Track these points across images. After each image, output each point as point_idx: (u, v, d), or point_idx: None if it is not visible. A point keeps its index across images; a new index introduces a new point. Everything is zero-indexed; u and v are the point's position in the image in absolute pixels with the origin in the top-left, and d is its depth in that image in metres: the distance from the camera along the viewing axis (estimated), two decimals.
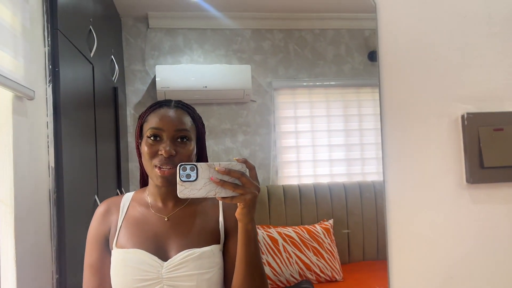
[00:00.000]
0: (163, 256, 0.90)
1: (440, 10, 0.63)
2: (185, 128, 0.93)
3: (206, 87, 2.79)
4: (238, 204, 0.80)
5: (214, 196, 0.79)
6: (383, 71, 0.57)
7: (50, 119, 1.28)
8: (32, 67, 1.18)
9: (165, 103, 0.97)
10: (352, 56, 3.38)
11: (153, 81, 2.97)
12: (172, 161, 0.90)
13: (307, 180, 3.12)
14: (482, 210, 0.57)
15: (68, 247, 1.34)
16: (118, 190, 2.27)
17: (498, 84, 0.62)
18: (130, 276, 0.86)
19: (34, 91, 1.12)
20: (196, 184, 0.79)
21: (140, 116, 0.98)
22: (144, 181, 1.05)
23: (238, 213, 0.80)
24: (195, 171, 0.79)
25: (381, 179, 3.27)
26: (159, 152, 0.90)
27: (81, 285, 1.40)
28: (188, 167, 0.80)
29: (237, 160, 0.81)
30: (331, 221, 2.72)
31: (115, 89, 2.30)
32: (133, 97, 2.91)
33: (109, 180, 2.08)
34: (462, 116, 0.64)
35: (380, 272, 2.56)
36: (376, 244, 2.94)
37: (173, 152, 0.90)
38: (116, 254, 0.91)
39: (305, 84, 3.23)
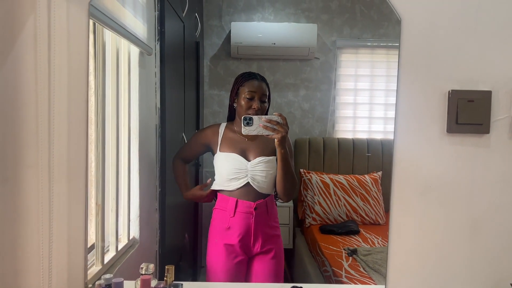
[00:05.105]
0: (247, 159, 1.57)
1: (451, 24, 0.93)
2: (266, 94, 1.59)
3: (274, 43, 3.03)
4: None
5: (262, 134, 1.43)
6: (403, 54, 0.91)
7: (157, 69, 1.63)
8: (149, 29, 1.52)
9: (254, 75, 1.61)
10: None
11: (228, 36, 3.25)
12: (257, 113, 1.53)
13: (362, 135, 3.34)
14: (456, 150, 0.93)
15: (167, 170, 1.73)
16: (196, 131, 2.66)
17: (474, 72, 1.02)
18: (231, 166, 1.55)
19: (152, 48, 1.47)
20: (252, 127, 1.42)
21: (236, 82, 1.61)
22: (230, 117, 1.66)
23: (275, 144, 1.45)
24: (251, 121, 1.42)
25: None
26: (252, 107, 1.55)
27: (175, 199, 1.82)
28: (247, 118, 1.42)
29: (275, 113, 1.42)
30: (379, 173, 2.96)
31: (197, 44, 2.62)
32: (210, 50, 3.24)
33: (191, 122, 2.46)
34: (449, 92, 1.02)
35: None
36: None
37: (259, 107, 1.55)
38: (221, 155, 1.57)
39: (368, 44, 3.35)
